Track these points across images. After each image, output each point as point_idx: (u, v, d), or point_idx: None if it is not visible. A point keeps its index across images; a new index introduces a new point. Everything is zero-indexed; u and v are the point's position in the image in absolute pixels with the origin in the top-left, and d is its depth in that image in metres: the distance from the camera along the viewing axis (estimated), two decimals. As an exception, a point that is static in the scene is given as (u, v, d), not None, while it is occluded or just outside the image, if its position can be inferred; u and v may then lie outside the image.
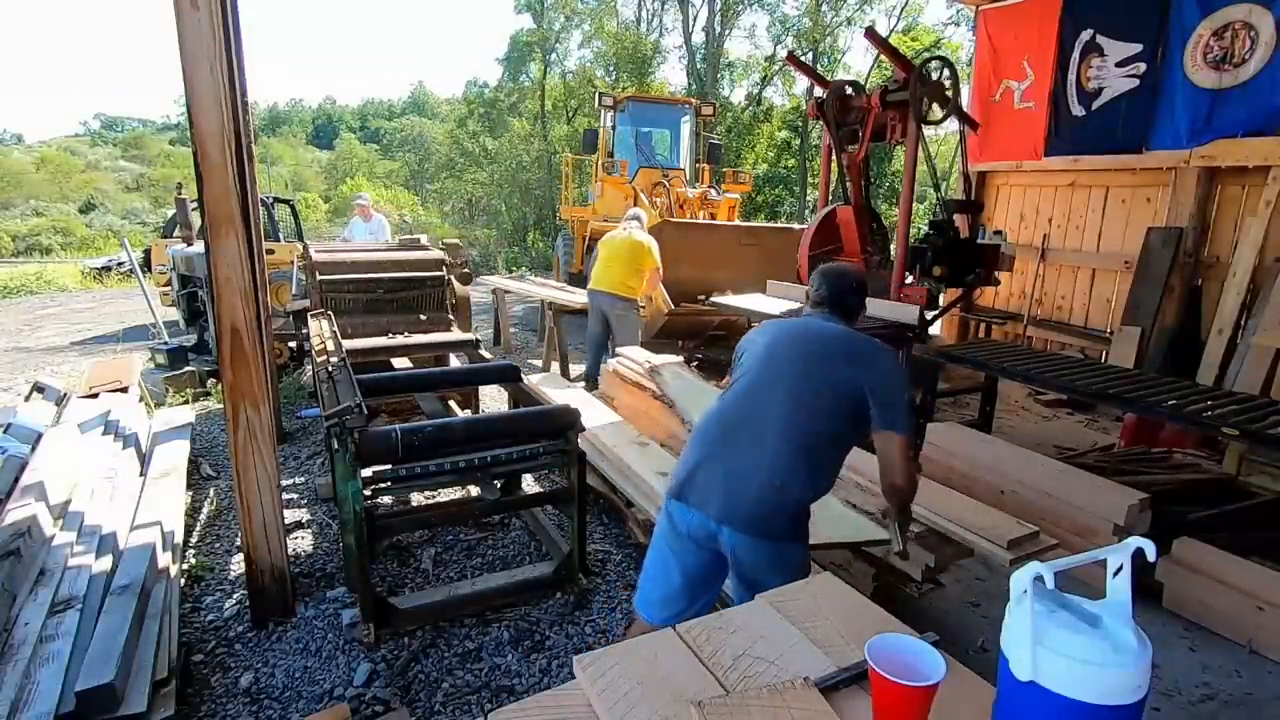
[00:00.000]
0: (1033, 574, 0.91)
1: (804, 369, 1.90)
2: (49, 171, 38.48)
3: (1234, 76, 4.76)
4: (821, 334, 1.98)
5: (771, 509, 1.84)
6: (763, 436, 1.85)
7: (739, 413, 1.92)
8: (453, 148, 26.03)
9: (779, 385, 1.90)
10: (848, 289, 2.07)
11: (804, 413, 1.86)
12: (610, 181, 9.18)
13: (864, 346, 1.96)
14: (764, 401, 1.90)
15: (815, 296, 2.09)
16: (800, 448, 1.85)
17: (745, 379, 1.96)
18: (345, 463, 2.49)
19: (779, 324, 2.07)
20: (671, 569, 1.94)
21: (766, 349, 1.98)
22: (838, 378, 1.88)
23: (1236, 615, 2.66)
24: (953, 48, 20.92)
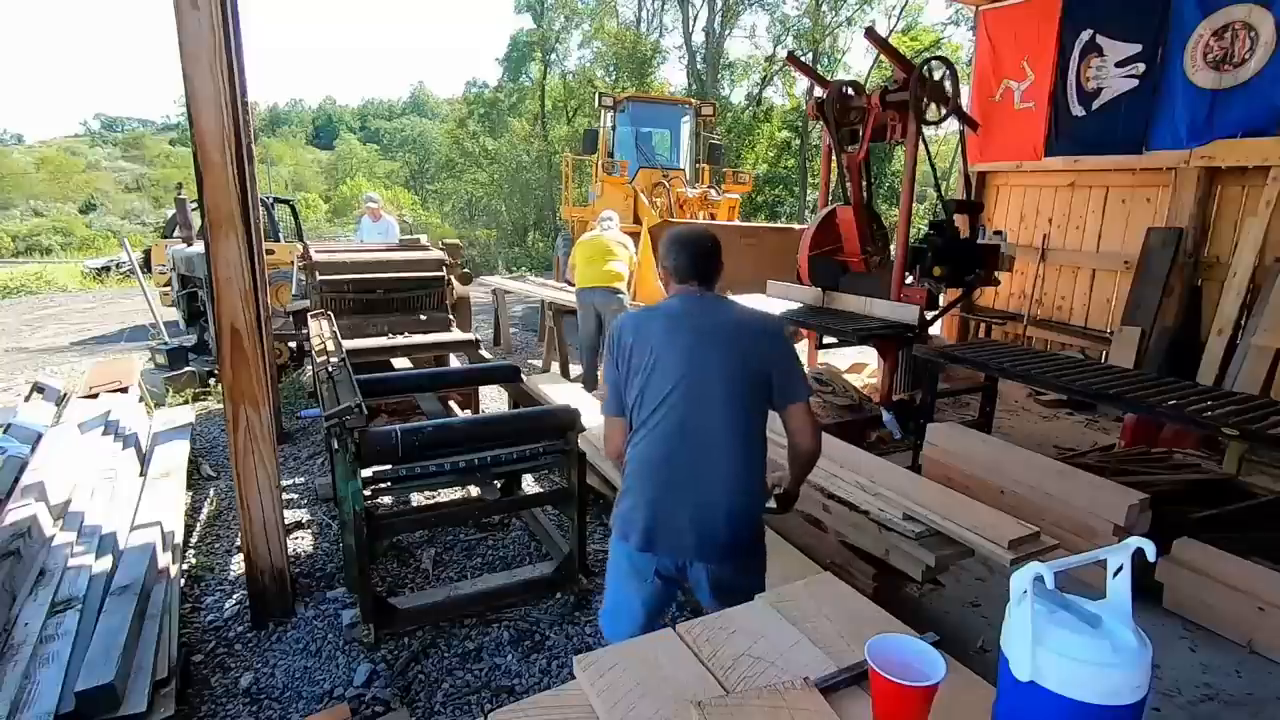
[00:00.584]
0: (1033, 574, 0.91)
1: (723, 364, 1.75)
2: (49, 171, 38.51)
3: (1234, 77, 4.76)
4: (719, 318, 1.82)
5: (743, 526, 1.81)
6: (712, 454, 1.75)
7: (677, 435, 1.75)
8: (453, 148, 26.06)
9: (708, 391, 1.74)
10: (706, 253, 1.87)
11: (740, 411, 1.77)
12: (610, 182, 9.18)
13: (761, 321, 1.88)
14: (698, 414, 1.74)
15: (677, 271, 1.87)
16: (748, 450, 1.79)
17: (665, 393, 1.75)
18: (345, 463, 2.49)
19: (666, 317, 1.82)
20: (636, 608, 1.87)
21: (673, 355, 1.76)
22: (753, 361, 1.78)
23: (1236, 615, 2.66)
24: (953, 48, 20.92)
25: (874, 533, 2.48)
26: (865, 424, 4.64)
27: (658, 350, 1.77)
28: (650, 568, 1.81)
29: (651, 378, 1.77)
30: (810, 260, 5.05)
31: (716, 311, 1.84)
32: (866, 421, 4.66)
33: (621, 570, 1.88)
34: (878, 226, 5.06)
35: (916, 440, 4.03)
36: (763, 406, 1.82)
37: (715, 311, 1.84)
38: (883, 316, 4.55)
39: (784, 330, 1.85)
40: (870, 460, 2.78)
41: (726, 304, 1.89)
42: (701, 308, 1.83)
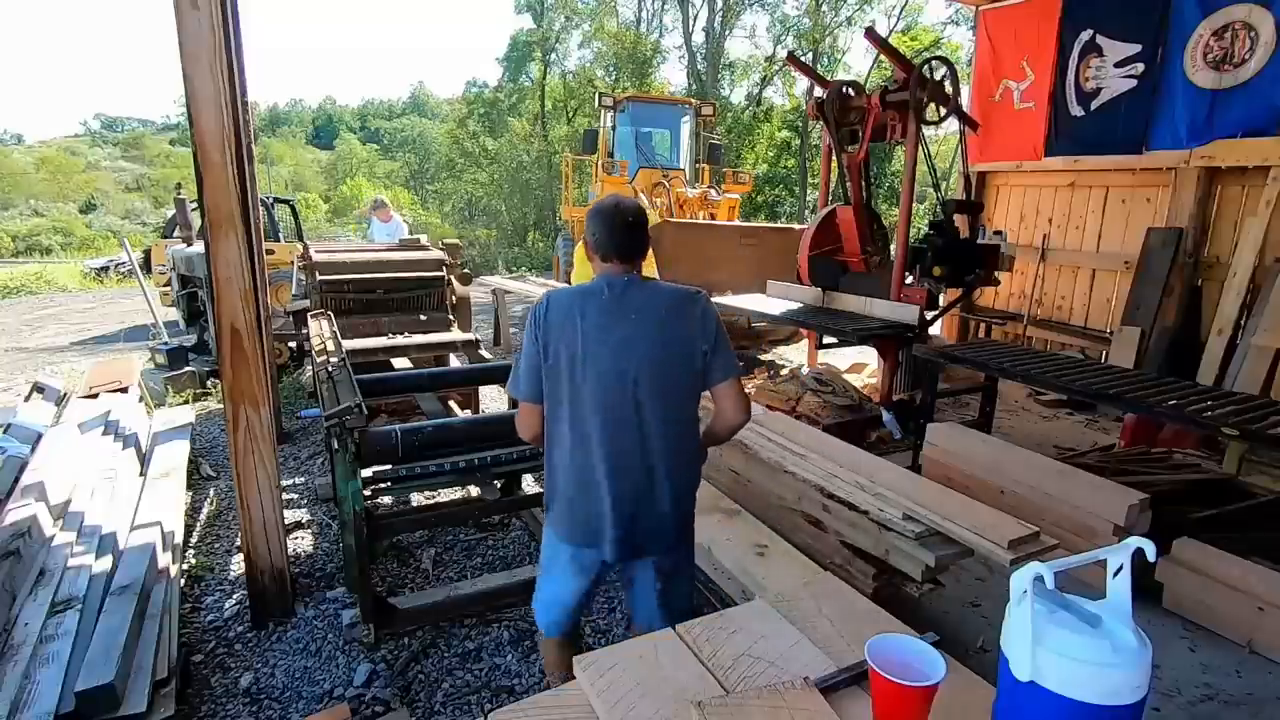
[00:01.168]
0: (1033, 574, 0.91)
1: (650, 354, 1.68)
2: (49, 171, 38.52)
3: (1234, 77, 4.76)
4: (645, 304, 1.72)
5: (680, 518, 1.81)
6: (644, 448, 1.70)
7: (606, 428, 1.69)
8: (453, 148, 26.07)
9: (635, 381, 1.68)
10: (626, 226, 1.75)
11: (670, 400, 1.71)
12: (610, 181, 9.19)
13: (688, 302, 1.76)
14: (627, 406, 1.69)
15: (599, 247, 1.76)
16: (681, 439, 1.76)
17: (589, 385, 1.68)
18: (345, 463, 2.49)
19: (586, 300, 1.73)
20: (569, 600, 1.88)
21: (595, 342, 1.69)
22: (682, 347, 1.71)
23: (1236, 615, 2.65)
24: (953, 48, 20.93)
25: (874, 533, 2.48)
26: (865, 424, 4.64)
27: (583, 339, 1.69)
28: (593, 562, 1.80)
29: (575, 367, 1.69)
30: (810, 260, 5.05)
31: (641, 297, 1.73)
32: (866, 421, 4.67)
33: (561, 564, 1.85)
34: (878, 226, 5.06)
35: (916, 440, 4.03)
36: (694, 391, 1.78)
37: (640, 297, 1.73)
38: (883, 316, 4.55)
39: (710, 308, 1.79)
40: (870, 460, 2.78)
41: (651, 287, 1.78)
42: (626, 293, 1.73)
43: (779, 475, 2.89)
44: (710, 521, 2.75)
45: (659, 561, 1.81)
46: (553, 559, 1.88)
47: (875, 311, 4.63)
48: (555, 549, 1.86)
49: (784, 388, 5.23)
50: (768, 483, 2.99)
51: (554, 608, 1.92)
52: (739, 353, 1.92)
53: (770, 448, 2.93)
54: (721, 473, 3.29)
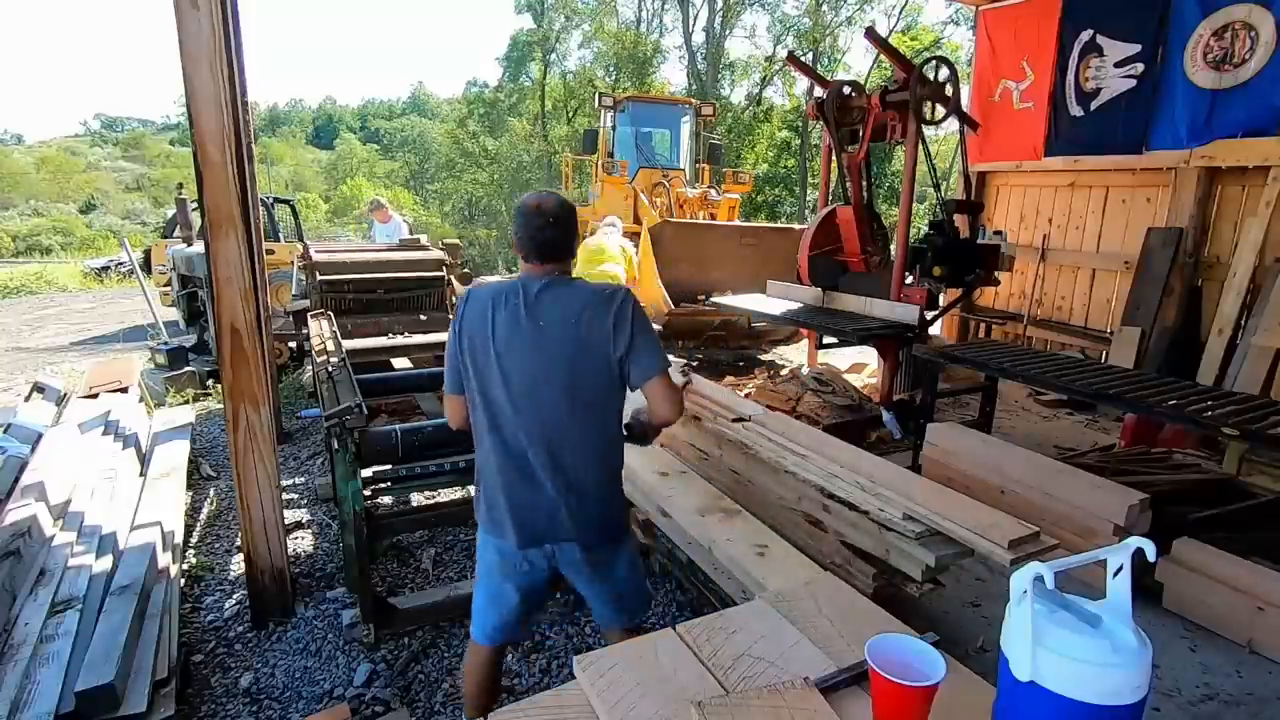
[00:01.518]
0: (1033, 574, 0.91)
1: (560, 351, 1.69)
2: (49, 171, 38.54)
3: (1234, 77, 4.76)
4: (564, 307, 1.70)
5: (610, 512, 1.84)
6: (561, 447, 1.72)
7: (524, 429, 1.71)
8: (453, 148, 26.08)
9: (552, 384, 1.69)
10: (544, 224, 1.72)
11: (579, 399, 1.72)
12: (610, 182, 9.18)
13: (606, 301, 1.72)
14: (544, 406, 1.70)
15: (520, 245, 1.76)
16: (598, 439, 1.77)
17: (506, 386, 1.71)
18: (345, 463, 2.49)
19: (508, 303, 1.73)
20: (509, 597, 1.87)
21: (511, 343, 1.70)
22: (602, 349, 1.70)
23: (1236, 615, 2.65)
24: (953, 47, 20.95)
25: (874, 533, 2.48)
26: (865, 424, 4.64)
27: (499, 340, 1.70)
28: (519, 559, 1.81)
29: (490, 367, 1.72)
30: (810, 260, 5.05)
31: (556, 298, 1.71)
32: (866, 421, 4.66)
33: (490, 564, 1.87)
34: (878, 226, 5.06)
35: (916, 440, 4.03)
36: (614, 390, 1.77)
37: (555, 298, 1.71)
38: (883, 316, 4.55)
39: (630, 307, 1.73)
40: (870, 460, 2.78)
41: (569, 288, 1.74)
42: (542, 294, 1.71)
43: (779, 475, 2.89)
44: (710, 521, 2.75)
45: (581, 559, 1.80)
46: (484, 558, 1.90)
47: (875, 311, 4.63)
48: (483, 545, 1.89)
49: (784, 388, 5.23)
50: (768, 483, 2.99)
51: (489, 612, 1.90)
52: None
53: (770, 448, 2.93)
54: (722, 473, 3.29)
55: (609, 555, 1.87)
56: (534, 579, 1.85)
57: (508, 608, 1.88)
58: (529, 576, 1.84)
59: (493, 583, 1.88)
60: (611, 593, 1.90)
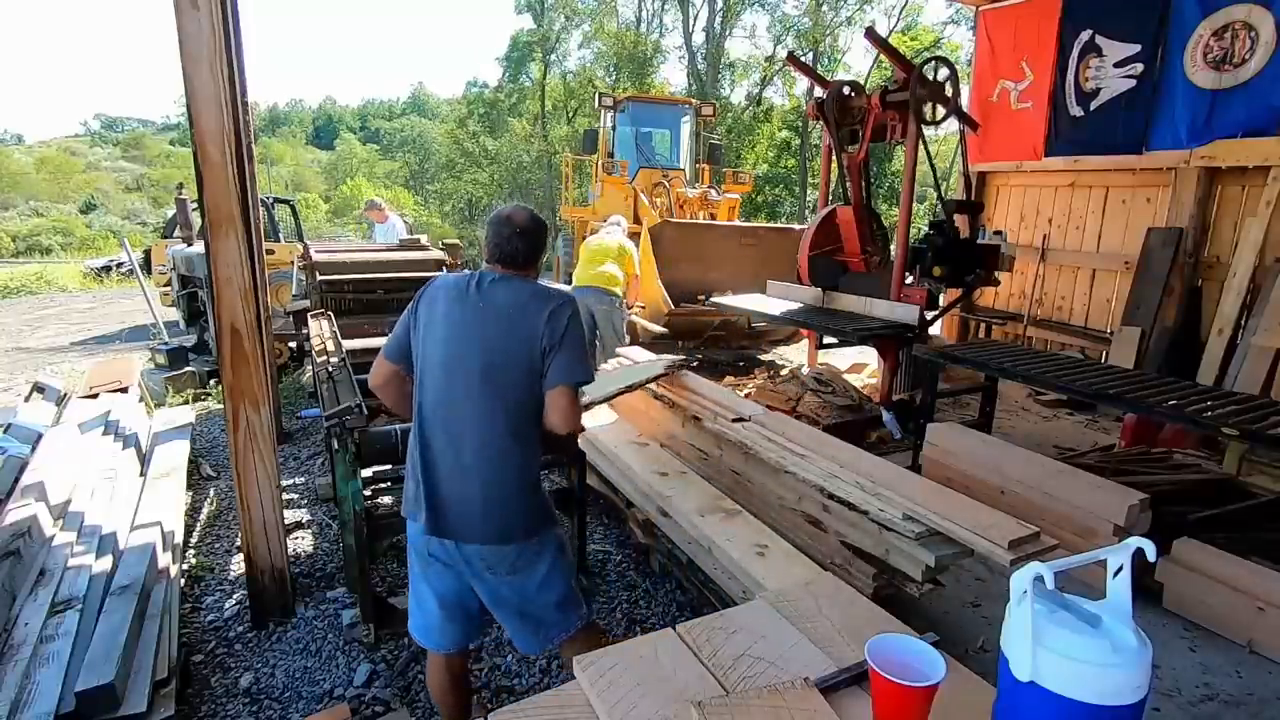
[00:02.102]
0: (1033, 574, 0.91)
1: (490, 346, 1.73)
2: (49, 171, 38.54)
3: (1234, 77, 4.76)
4: (504, 299, 1.76)
5: (526, 508, 1.79)
6: (470, 436, 1.73)
7: (440, 413, 1.75)
8: (453, 148, 26.07)
9: (470, 371, 1.73)
10: (510, 235, 1.80)
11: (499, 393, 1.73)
12: (610, 181, 9.19)
13: (546, 303, 1.76)
14: (460, 393, 1.74)
15: (486, 251, 1.84)
16: (507, 435, 1.74)
17: (435, 368, 1.76)
18: (345, 463, 2.49)
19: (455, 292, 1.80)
20: (425, 595, 1.85)
21: (446, 326, 1.77)
22: (526, 344, 1.73)
23: (1236, 615, 2.65)
24: (952, 47, 20.96)
25: (874, 533, 2.48)
26: (865, 424, 4.64)
27: (440, 322, 1.78)
28: (423, 543, 1.80)
29: (428, 348, 1.78)
30: (810, 260, 5.05)
31: (504, 291, 1.77)
32: (866, 421, 4.66)
33: (412, 547, 1.87)
34: (878, 226, 5.06)
35: (916, 440, 4.03)
36: (529, 389, 1.76)
37: (503, 291, 1.77)
38: (883, 316, 4.55)
39: (569, 314, 1.78)
40: (870, 460, 2.78)
41: (515, 285, 1.79)
42: (493, 287, 1.78)
43: (779, 475, 2.89)
44: (710, 521, 2.75)
45: (482, 558, 1.75)
46: (409, 546, 1.89)
47: (875, 311, 4.63)
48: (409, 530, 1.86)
49: (784, 388, 5.23)
50: (768, 483, 2.99)
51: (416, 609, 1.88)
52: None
53: (770, 448, 2.93)
54: (721, 473, 3.29)
55: (521, 558, 1.78)
56: (446, 576, 1.81)
57: (427, 605, 1.85)
58: (443, 572, 1.80)
59: (413, 573, 1.88)
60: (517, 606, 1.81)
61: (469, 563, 1.77)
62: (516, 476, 1.78)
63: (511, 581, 1.78)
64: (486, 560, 1.76)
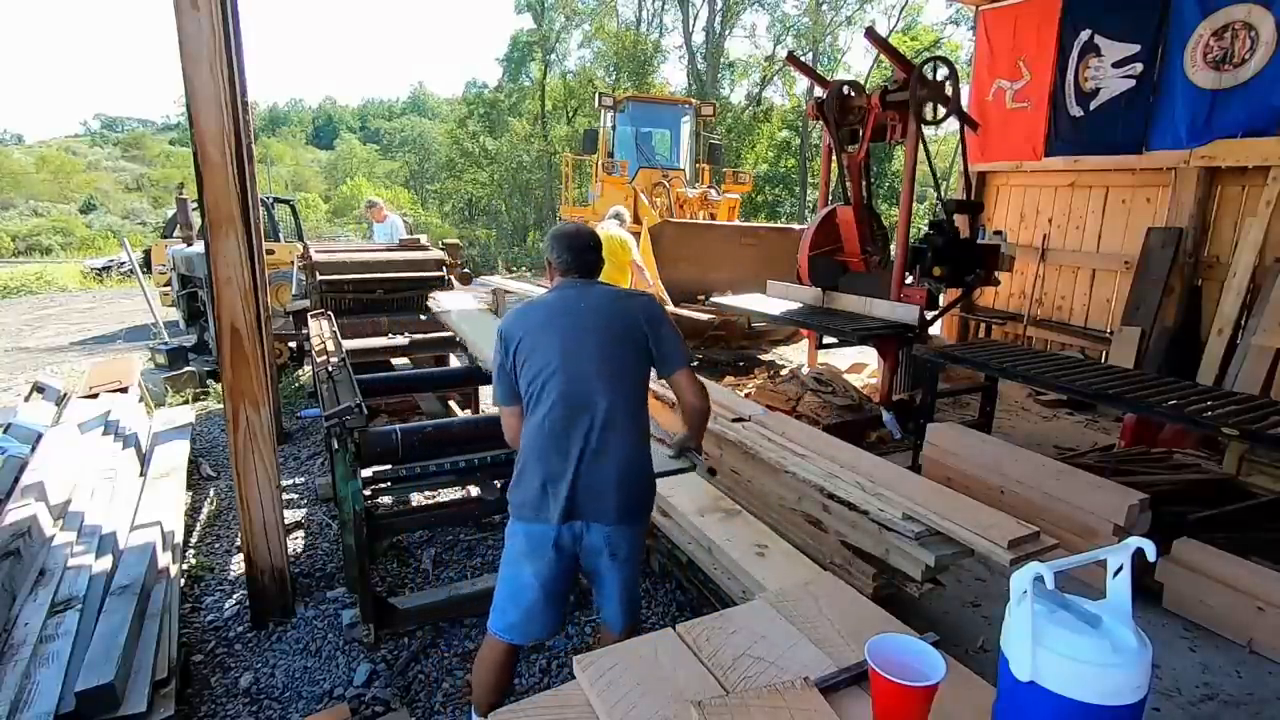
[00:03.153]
0: (1033, 574, 0.91)
1: (607, 343, 1.90)
2: (49, 171, 38.51)
3: (1234, 77, 4.76)
4: (599, 302, 1.94)
5: (648, 487, 1.98)
6: (598, 427, 1.86)
7: (564, 412, 1.86)
8: (453, 148, 26.05)
9: (586, 368, 1.86)
10: (586, 248, 2.02)
11: (619, 382, 1.90)
12: (610, 181, 9.19)
13: (638, 299, 2.02)
14: (581, 390, 1.86)
15: (561, 265, 2.01)
16: (630, 419, 1.92)
17: (556, 378, 1.86)
18: (345, 463, 2.49)
19: (547, 307, 1.95)
20: (527, 589, 1.93)
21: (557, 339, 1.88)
22: (632, 338, 1.92)
23: (1236, 615, 2.66)
24: (952, 47, 20.96)
25: (874, 533, 2.48)
26: (865, 424, 4.64)
27: (540, 338, 1.89)
28: (548, 540, 1.89)
29: (536, 365, 1.88)
30: (810, 260, 5.05)
31: (592, 294, 1.96)
32: (866, 421, 4.66)
33: (516, 552, 1.94)
34: (878, 226, 5.06)
35: (916, 440, 4.03)
36: (642, 377, 1.96)
37: (591, 294, 1.96)
38: (883, 316, 4.55)
39: (658, 306, 2.03)
40: (870, 460, 2.78)
41: (602, 287, 2.02)
42: (579, 294, 1.96)
43: (779, 475, 2.89)
44: (710, 521, 2.75)
45: (610, 537, 1.90)
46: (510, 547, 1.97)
47: (875, 311, 4.63)
48: (510, 534, 1.97)
49: (784, 388, 5.23)
50: (768, 483, 2.99)
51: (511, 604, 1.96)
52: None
53: (770, 448, 2.93)
54: (722, 473, 3.29)
55: (633, 539, 1.96)
56: (557, 565, 1.91)
57: (528, 598, 1.93)
58: (555, 562, 1.91)
59: (518, 573, 1.94)
60: (624, 584, 1.98)
61: (591, 545, 1.91)
62: (641, 454, 1.96)
63: (626, 563, 1.96)
64: (611, 540, 1.91)
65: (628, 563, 1.96)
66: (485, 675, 2.02)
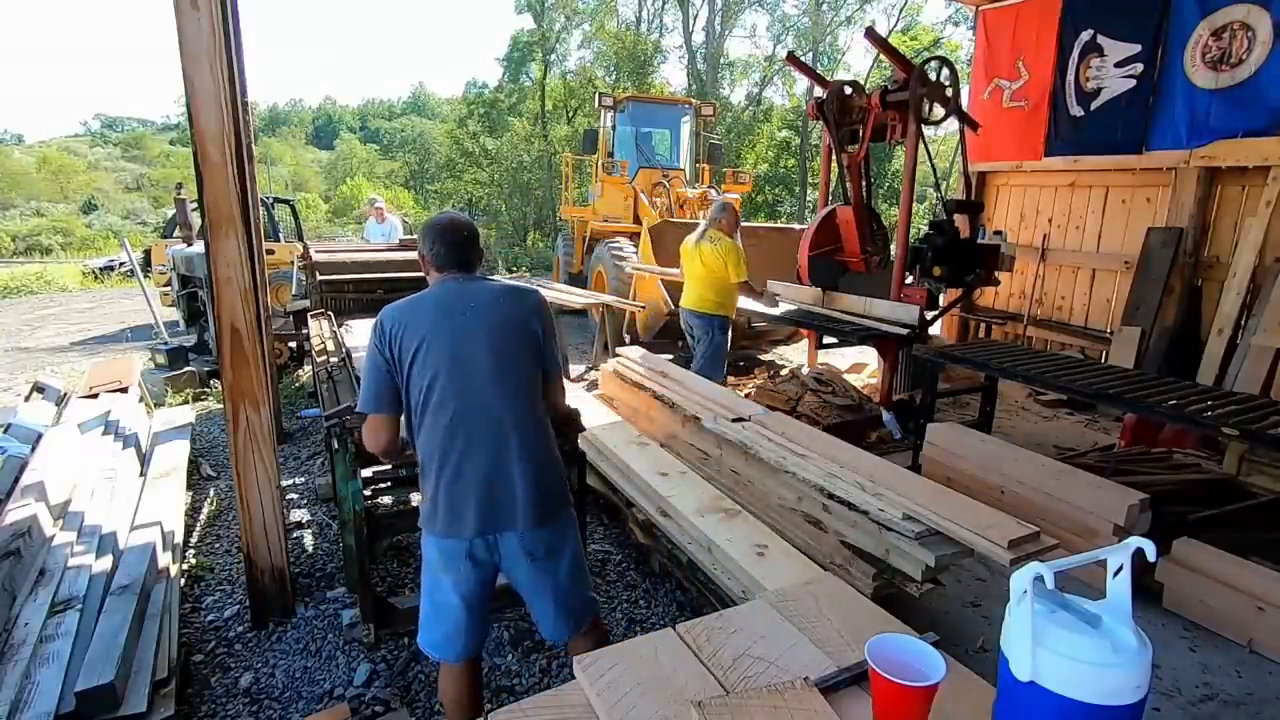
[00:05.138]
0: (1033, 574, 0.91)
1: (500, 345, 1.82)
2: (49, 171, 38.50)
3: (1231, 77, 4.76)
4: (486, 301, 1.85)
5: (558, 484, 1.91)
6: (495, 427, 1.79)
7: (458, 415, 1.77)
8: (453, 148, 26.02)
9: (479, 367, 1.79)
10: (462, 241, 1.91)
11: (525, 385, 1.85)
12: (610, 181, 9.18)
13: (528, 298, 1.93)
14: (475, 390, 1.78)
15: (435, 259, 1.90)
16: (537, 415, 1.88)
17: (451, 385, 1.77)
18: (345, 463, 2.49)
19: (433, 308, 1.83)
20: (448, 605, 1.85)
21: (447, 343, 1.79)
22: (524, 336, 1.87)
23: (1236, 615, 2.66)
24: (952, 47, 20.95)
25: (874, 533, 2.48)
26: (865, 424, 4.64)
27: (427, 338, 1.78)
28: (460, 553, 1.80)
29: (428, 370, 1.78)
30: (810, 260, 5.05)
31: (478, 293, 1.87)
32: (866, 421, 4.66)
33: (432, 566, 1.86)
34: (878, 226, 5.06)
35: (916, 440, 4.03)
36: (536, 373, 1.90)
37: (476, 293, 1.87)
38: (883, 316, 4.55)
39: (548, 307, 1.97)
40: (870, 460, 2.78)
41: (486, 284, 1.91)
42: (463, 291, 1.86)
43: (779, 475, 2.89)
44: (710, 521, 2.75)
45: (525, 541, 1.81)
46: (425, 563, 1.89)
47: (875, 311, 4.63)
48: (424, 548, 1.89)
49: (784, 388, 5.23)
50: (768, 483, 2.99)
51: (435, 620, 1.89)
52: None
53: (770, 448, 2.93)
54: (722, 473, 3.29)
55: (557, 540, 1.87)
56: (476, 577, 1.84)
57: (450, 615, 1.86)
58: (472, 574, 1.82)
59: (436, 587, 1.87)
60: (555, 588, 1.87)
61: (509, 553, 1.82)
62: (548, 451, 1.90)
63: (548, 565, 1.86)
64: (527, 544, 1.82)
65: (551, 561, 1.85)
66: (449, 701, 1.95)
